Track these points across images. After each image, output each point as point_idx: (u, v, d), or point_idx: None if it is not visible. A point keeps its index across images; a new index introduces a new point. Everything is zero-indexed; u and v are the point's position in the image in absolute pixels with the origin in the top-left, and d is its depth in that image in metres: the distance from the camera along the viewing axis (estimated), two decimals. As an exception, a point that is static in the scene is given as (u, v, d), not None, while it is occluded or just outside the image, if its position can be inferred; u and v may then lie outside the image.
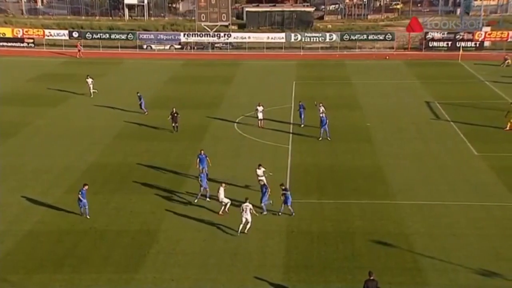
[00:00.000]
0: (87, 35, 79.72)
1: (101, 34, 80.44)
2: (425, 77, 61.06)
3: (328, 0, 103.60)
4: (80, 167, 36.33)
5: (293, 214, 29.41)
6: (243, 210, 27.46)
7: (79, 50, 74.37)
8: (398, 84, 59.07)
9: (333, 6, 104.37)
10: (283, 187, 29.90)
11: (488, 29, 76.54)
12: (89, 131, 43.59)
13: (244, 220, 27.47)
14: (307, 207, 30.55)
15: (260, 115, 44.05)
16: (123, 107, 49.81)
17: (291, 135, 42.55)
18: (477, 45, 75.12)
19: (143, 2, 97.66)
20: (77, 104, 51.48)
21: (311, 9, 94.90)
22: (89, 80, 53.23)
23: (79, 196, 29.20)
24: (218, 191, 29.58)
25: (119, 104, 50.62)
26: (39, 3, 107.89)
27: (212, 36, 79.07)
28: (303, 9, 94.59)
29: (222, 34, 79.43)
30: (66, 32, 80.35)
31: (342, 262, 25.50)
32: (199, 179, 31.44)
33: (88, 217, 29.32)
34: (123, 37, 79.72)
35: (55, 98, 52.91)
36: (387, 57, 73.01)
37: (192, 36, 79.37)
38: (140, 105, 47.93)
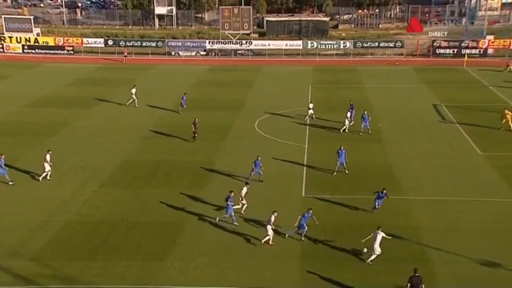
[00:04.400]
0: (120, 42, 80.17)
1: (134, 42, 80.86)
2: (432, 82, 60.43)
3: (342, 10, 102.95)
4: (114, 163, 36.52)
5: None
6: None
7: (125, 56, 74.98)
8: (407, 88, 58.54)
9: (347, 15, 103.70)
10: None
11: (491, 37, 75.58)
12: (122, 131, 43.82)
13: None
14: (322, 202, 30.37)
15: (311, 111, 45.17)
16: (154, 108, 50.04)
17: (307, 135, 42.37)
18: (481, 52, 74.24)
19: (172, 12, 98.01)
20: (111, 106, 51.74)
21: (327, 19, 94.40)
22: (133, 90, 51.03)
23: None
24: (269, 219, 26.10)
25: (148, 106, 50.82)
26: (79, 14, 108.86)
27: (235, 44, 79.08)
28: (319, 18, 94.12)
29: (244, 41, 79.40)
30: (102, 40, 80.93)
31: (354, 253, 25.30)
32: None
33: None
34: (153, 44, 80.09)
35: (92, 101, 53.26)
36: (397, 63, 72.40)
37: (217, 43, 79.46)
38: (182, 103, 48.21)
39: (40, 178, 33.70)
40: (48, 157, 33.81)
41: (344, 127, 42.68)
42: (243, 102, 52.59)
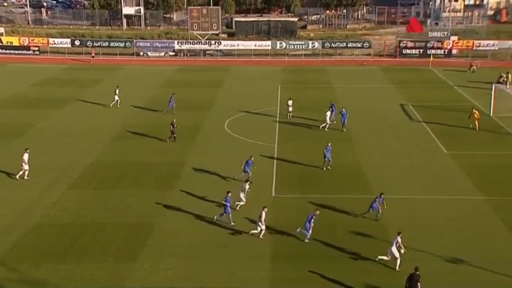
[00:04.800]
0: (88, 43, 79.13)
1: (101, 42, 79.89)
2: (399, 82, 61.26)
3: (310, 11, 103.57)
4: (82, 164, 36.07)
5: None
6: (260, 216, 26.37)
7: (93, 57, 74.04)
8: (375, 88, 59.25)
9: (315, 16, 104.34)
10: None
11: (455, 38, 77.00)
12: (90, 131, 43.29)
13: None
14: (292, 202, 30.53)
15: (291, 108, 45.94)
16: (120, 109, 49.56)
17: (277, 135, 42.54)
18: (446, 53, 75.56)
19: (140, 12, 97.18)
20: (79, 107, 51.12)
21: (295, 19, 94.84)
22: (117, 91, 50.33)
23: None
24: (260, 215, 26.46)
25: (118, 106, 50.42)
26: (44, 14, 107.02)
27: (203, 44, 78.78)
28: (287, 19, 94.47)
29: (213, 42, 79.14)
30: (68, 40, 79.77)
31: (324, 251, 25.50)
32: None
33: None
34: (122, 45, 79.20)
35: (59, 101, 52.46)
36: (365, 63, 73.18)
37: (185, 44, 79.04)
38: (169, 103, 47.78)
39: (17, 176, 33.38)
40: (26, 156, 33.34)
41: (325, 125, 43.16)
42: (213, 102, 52.48)
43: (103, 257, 24.99)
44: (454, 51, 76.10)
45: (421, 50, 75.93)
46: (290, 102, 46.68)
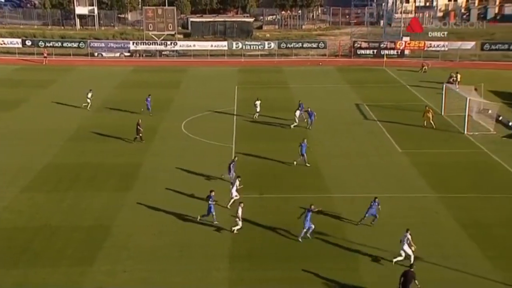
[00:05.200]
0: (40, 43, 77.31)
1: (54, 43, 78.13)
2: (354, 82, 62.09)
3: (266, 11, 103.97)
4: (35, 167, 35.22)
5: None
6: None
7: (45, 57, 72.31)
8: (331, 88, 59.88)
9: (271, 16, 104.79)
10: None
11: (407, 39, 78.55)
12: (43, 133, 42.30)
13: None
14: (250, 202, 30.47)
15: (258, 108, 46.26)
16: (75, 110, 48.64)
17: (234, 135, 42.52)
18: (399, 53, 77.05)
19: (94, 12, 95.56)
20: (32, 108, 49.92)
21: (251, 20, 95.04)
22: (90, 94, 49.34)
23: None
24: (237, 211, 27.08)
25: (71, 108, 49.42)
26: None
27: (159, 44, 78.02)
28: (243, 19, 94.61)
29: (168, 42, 78.50)
30: (19, 40, 77.75)
31: (282, 251, 25.60)
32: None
33: None
34: (75, 45, 77.65)
35: (10, 103, 51.09)
36: (320, 64, 73.88)
37: (141, 44, 78.09)
38: (147, 105, 47.17)
39: None
40: None
41: (295, 124, 43.82)
42: (170, 104, 52.03)
43: (58, 261, 24.45)
44: (406, 52, 77.68)
45: (375, 51, 77.15)
46: (257, 103, 46.89)
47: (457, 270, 24.27)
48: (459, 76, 58.29)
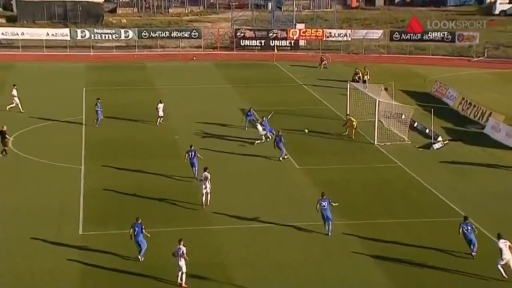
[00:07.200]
0: None
1: None
2: (238, 81, 63.04)
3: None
4: None
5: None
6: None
7: None
8: (209, 88, 60.44)
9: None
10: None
11: (302, 26, 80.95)
12: None
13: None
14: (107, 240, 29.96)
15: (161, 113, 47.51)
16: None
17: (83, 153, 41.70)
18: (292, 44, 79.15)
19: None
20: None
21: (101, 0, 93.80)
22: (14, 92, 49.60)
23: None
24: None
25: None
26: None
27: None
28: (90, 0, 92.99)
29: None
30: None
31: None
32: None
33: None
34: None
35: None
36: (194, 58, 74.39)
37: None
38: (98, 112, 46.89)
39: None
40: None
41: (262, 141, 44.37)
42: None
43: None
44: (301, 43, 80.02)
45: (263, 42, 78.75)
46: (160, 106, 47.30)
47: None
48: (368, 72, 58.98)
